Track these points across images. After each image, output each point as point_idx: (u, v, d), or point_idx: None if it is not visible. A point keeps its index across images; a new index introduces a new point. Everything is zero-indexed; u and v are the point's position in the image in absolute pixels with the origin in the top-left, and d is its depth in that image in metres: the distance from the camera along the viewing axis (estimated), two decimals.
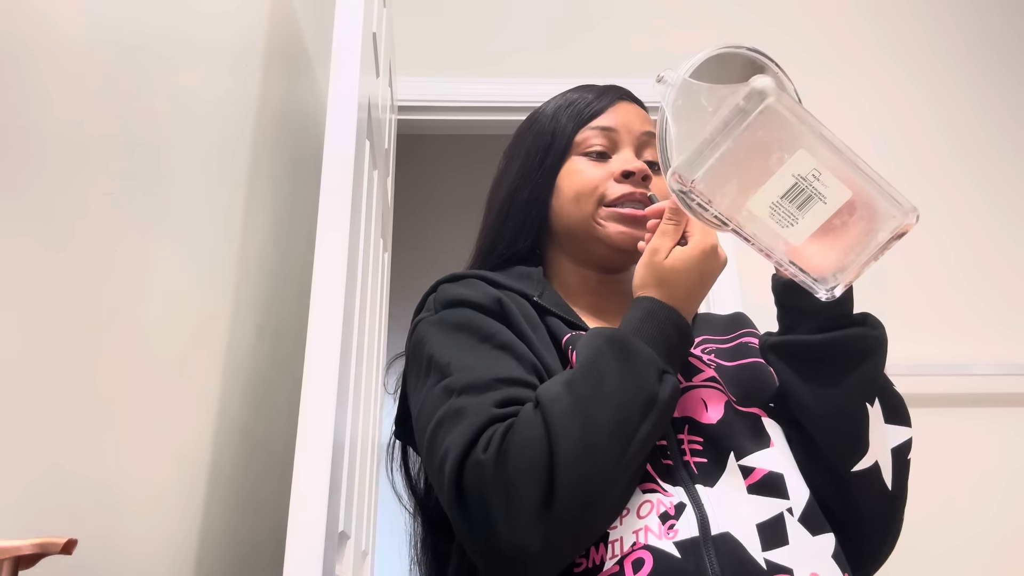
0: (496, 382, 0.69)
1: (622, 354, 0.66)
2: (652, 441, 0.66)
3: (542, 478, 0.61)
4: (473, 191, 1.66)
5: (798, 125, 0.63)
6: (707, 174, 0.63)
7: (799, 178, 0.64)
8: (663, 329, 0.70)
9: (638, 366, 0.66)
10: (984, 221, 2.09)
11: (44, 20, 0.67)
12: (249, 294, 1.20)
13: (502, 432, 0.64)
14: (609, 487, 0.63)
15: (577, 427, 0.62)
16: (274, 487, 1.25)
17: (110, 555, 0.74)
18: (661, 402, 0.65)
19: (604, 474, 0.62)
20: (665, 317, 0.71)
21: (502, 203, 0.92)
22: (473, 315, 0.77)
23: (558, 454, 0.61)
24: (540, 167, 0.88)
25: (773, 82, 0.62)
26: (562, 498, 0.60)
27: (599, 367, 0.66)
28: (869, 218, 0.65)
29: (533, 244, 0.91)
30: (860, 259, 0.66)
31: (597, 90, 0.93)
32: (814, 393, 0.72)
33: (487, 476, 0.62)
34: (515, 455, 0.62)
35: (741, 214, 0.65)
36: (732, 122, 0.62)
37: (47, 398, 0.66)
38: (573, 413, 0.62)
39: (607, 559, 0.64)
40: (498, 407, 0.66)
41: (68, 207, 0.70)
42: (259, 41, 1.29)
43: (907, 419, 0.75)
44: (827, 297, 0.67)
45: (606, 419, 0.63)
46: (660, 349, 0.69)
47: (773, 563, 0.64)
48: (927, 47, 2.26)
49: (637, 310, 0.72)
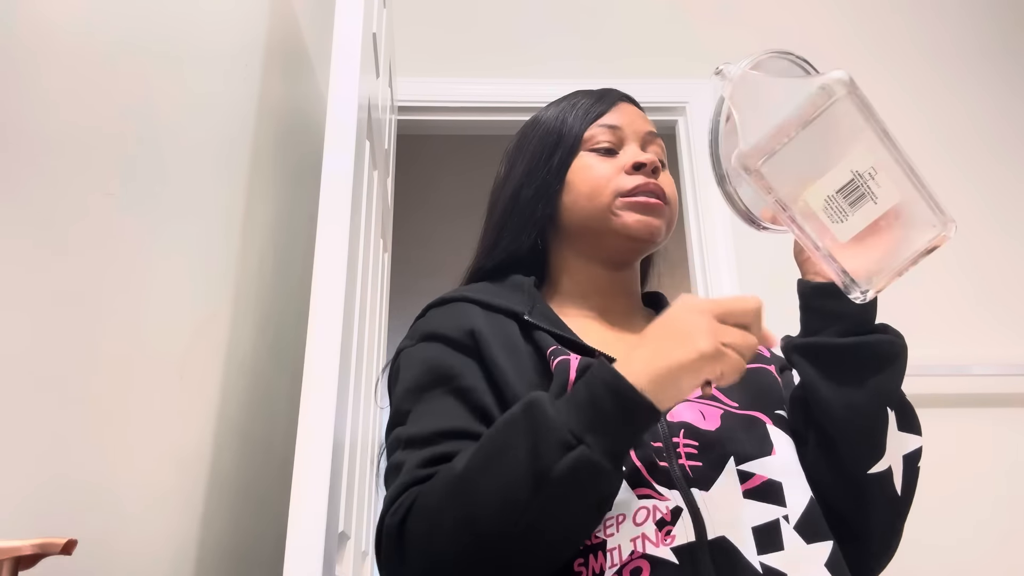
0: (436, 436, 0.70)
1: (531, 421, 0.62)
2: (559, 517, 0.61)
3: (426, 550, 0.63)
4: (473, 191, 1.66)
5: (865, 121, 0.63)
6: (774, 160, 0.64)
7: (856, 175, 0.64)
8: (593, 393, 0.62)
9: (539, 433, 0.60)
10: (984, 222, 2.09)
11: (44, 20, 0.67)
12: (249, 294, 1.20)
13: (412, 498, 0.66)
14: (500, 564, 0.62)
15: (459, 502, 0.62)
16: (274, 487, 1.25)
17: (110, 555, 0.74)
18: (556, 476, 0.58)
19: (488, 550, 0.61)
20: (597, 379, 0.62)
21: (506, 202, 0.92)
22: (443, 353, 0.78)
23: (442, 526, 0.63)
24: (547, 165, 0.89)
25: (848, 76, 0.63)
26: (447, 568, 0.63)
27: (506, 435, 0.63)
28: (910, 225, 0.65)
29: (534, 243, 0.91)
30: (895, 265, 0.66)
31: (597, 93, 0.94)
32: (838, 394, 0.73)
33: (391, 542, 0.66)
34: (412, 522, 0.65)
35: (797, 204, 0.65)
36: (804, 111, 0.63)
37: (47, 398, 0.66)
38: (461, 484, 0.63)
39: (606, 568, 0.64)
40: (424, 466, 0.68)
41: (68, 208, 0.70)
42: (259, 41, 1.29)
43: (919, 428, 0.76)
44: (860, 299, 0.67)
45: (490, 495, 0.61)
46: (582, 416, 0.61)
47: (769, 567, 0.64)
48: (915, 48, 2.26)
49: (587, 370, 0.65)
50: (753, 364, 0.84)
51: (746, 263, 1.92)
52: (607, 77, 1.23)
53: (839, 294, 0.68)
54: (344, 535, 1.06)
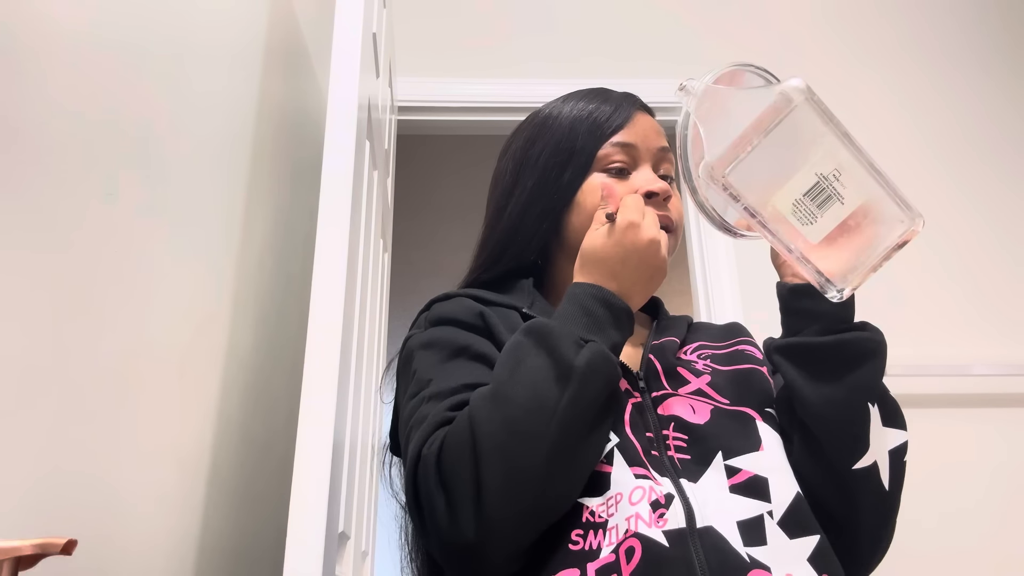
0: (462, 387, 0.72)
1: (538, 336, 0.69)
2: (585, 410, 0.67)
3: (470, 465, 0.64)
4: (473, 192, 1.66)
5: (825, 125, 0.66)
6: (739, 168, 0.66)
7: (821, 177, 0.66)
8: (583, 305, 0.72)
9: (551, 341, 0.68)
10: (984, 222, 2.09)
11: (45, 20, 0.67)
12: (249, 294, 1.20)
13: (444, 431, 0.67)
14: (540, 464, 0.64)
15: (495, 410, 0.65)
16: (274, 487, 1.25)
17: (110, 555, 0.74)
18: (579, 369, 0.66)
19: (531, 451, 0.64)
20: (584, 293, 0.73)
21: (514, 219, 0.90)
22: (454, 331, 0.80)
23: (480, 439, 0.64)
24: (557, 182, 0.87)
25: (804, 83, 0.65)
26: (490, 483, 0.63)
27: (516, 353, 0.69)
28: (879, 222, 0.68)
29: (536, 258, 0.91)
30: (868, 262, 0.68)
31: (614, 101, 0.91)
32: (819, 391, 0.74)
33: (430, 472, 0.66)
34: (448, 450, 0.65)
35: (766, 209, 0.67)
36: (765, 119, 0.65)
37: (47, 398, 0.66)
38: (491, 398, 0.66)
39: (604, 546, 0.66)
40: (452, 410, 0.70)
41: (69, 208, 0.70)
42: (259, 41, 1.29)
43: (903, 423, 0.77)
44: (837, 298, 0.69)
45: (522, 397, 0.65)
46: (579, 324, 0.70)
47: (754, 559, 0.66)
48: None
49: (563, 299, 0.75)
50: (746, 365, 0.84)
51: (746, 263, 1.92)
52: (609, 77, 1.23)
53: (816, 294, 0.71)
54: (344, 535, 1.06)
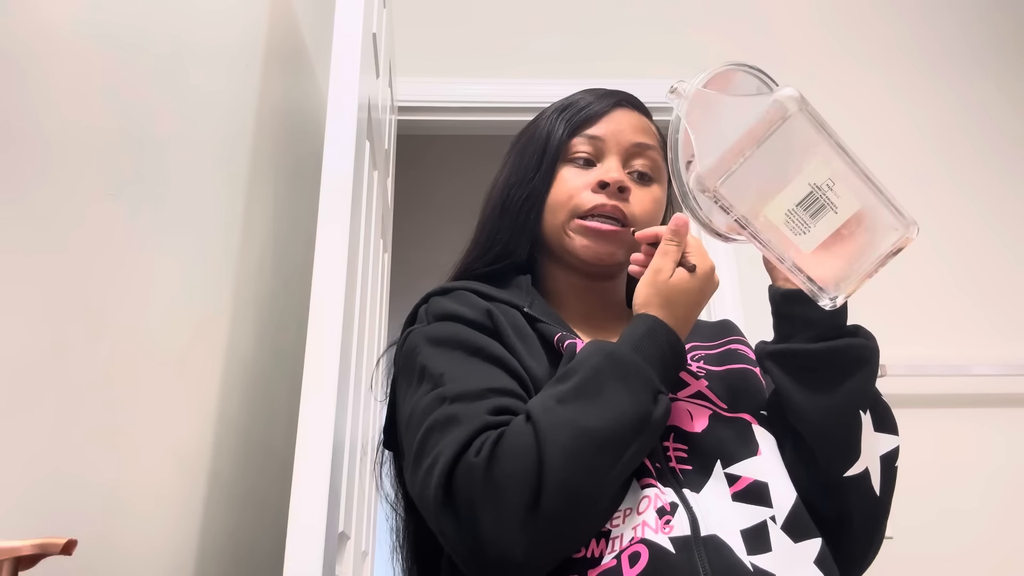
0: (489, 391, 0.70)
1: (620, 371, 0.68)
2: (639, 459, 0.68)
3: (531, 484, 0.62)
4: (473, 192, 1.66)
5: (818, 134, 0.65)
6: (731, 179, 0.65)
7: (814, 187, 0.66)
8: (661, 349, 0.72)
9: (635, 385, 0.67)
10: (983, 223, 2.09)
11: (44, 20, 0.67)
12: (249, 294, 1.20)
13: (494, 438, 0.65)
14: (595, 500, 0.64)
15: (569, 439, 0.63)
16: (274, 487, 1.25)
17: (110, 555, 0.74)
18: (654, 422, 0.67)
19: (591, 486, 0.63)
20: (664, 337, 0.73)
21: (496, 201, 0.92)
22: (464, 329, 0.78)
23: (547, 462, 0.62)
24: (535, 171, 0.88)
25: (798, 93, 0.65)
26: (548, 506, 0.61)
27: (597, 382, 0.67)
28: (873, 229, 0.67)
29: (531, 250, 0.91)
30: (862, 269, 0.68)
31: (597, 94, 0.92)
32: (811, 399, 0.73)
33: (477, 479, 0.63)
34: (505, 460, 0.63)
35: (759, 220, 0.67)
36: (758, 130, 0.64)
37: (47, 399, 0.66)
38: (566, 425, 0.64)
39: (606, 553, 0.66)
40: (492, 415, 0.68)
41: (69, 207, 0.70)
42: (259, 41, 1.29)
43: (895, 428, 0.77)
44: (830, 306, 0.68)
45: (599, 433, 0.64)
46: (656, 368, 0.70)
47: (759, 567, 0.65)
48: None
49: (638, 327, 0.73)
50: (738, 365, 0.85)
51: (746, 263, 1.92)
52: (610, 77, 1.23)
53: (809, 299, 0.70)
54: (344, 535, 1.06)
